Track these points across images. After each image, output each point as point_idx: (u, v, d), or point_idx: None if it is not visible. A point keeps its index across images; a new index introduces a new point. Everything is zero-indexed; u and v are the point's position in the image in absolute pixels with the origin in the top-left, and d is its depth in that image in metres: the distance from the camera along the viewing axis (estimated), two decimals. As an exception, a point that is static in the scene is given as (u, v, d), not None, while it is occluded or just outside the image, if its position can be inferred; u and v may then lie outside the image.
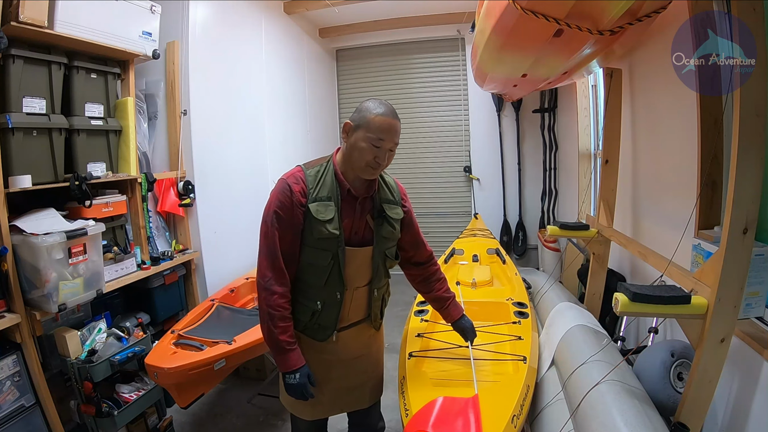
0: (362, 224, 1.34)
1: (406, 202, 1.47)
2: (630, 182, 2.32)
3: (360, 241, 1.34)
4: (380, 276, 1.40)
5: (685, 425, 1.23)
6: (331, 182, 1.29)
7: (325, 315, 1.34)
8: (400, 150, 5.07)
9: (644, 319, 2.04)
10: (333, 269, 1.29)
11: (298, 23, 4.07)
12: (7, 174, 1.74)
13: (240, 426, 2.26)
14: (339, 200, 1.29)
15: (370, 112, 1.26)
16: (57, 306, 1.74)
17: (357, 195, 1.32)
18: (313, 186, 1.28)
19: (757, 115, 1.08)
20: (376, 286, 1.40)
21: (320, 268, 1.29)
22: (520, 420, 1.28)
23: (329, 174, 1.30)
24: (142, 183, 2.38)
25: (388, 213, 1.37)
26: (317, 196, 1.27)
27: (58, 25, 1.85)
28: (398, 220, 1.40)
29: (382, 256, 1.38)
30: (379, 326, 1.52)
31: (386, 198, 1.39)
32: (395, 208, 1.40)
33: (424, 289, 1.61)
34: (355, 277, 1.34)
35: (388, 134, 1.25)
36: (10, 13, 1.69)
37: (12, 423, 1.68)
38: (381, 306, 1.48)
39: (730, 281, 1.14)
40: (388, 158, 1.29)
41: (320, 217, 1.25)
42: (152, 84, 2.68)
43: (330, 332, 1.35)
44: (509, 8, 1.51)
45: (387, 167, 1.32)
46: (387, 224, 1.36)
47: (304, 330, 1.37)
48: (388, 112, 1.27)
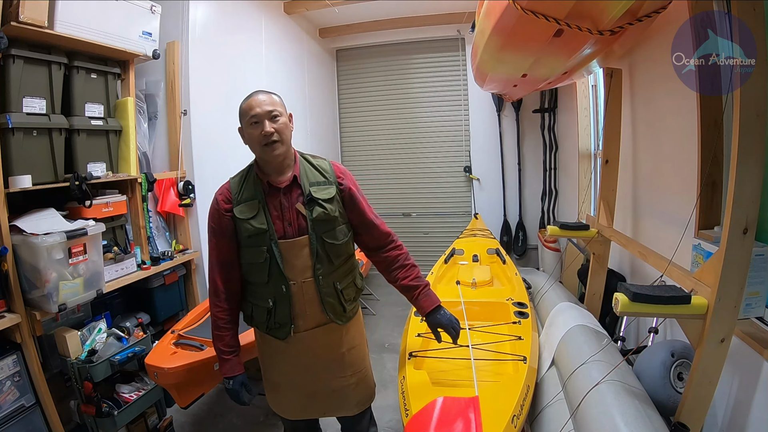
0: (294, 214, 1.34)
1: (343, 180, 1.41)
2: (630, 182, 2.32)
3: (296, 231, 1.33)
4: (323, 262, 1.35)
5: (685, 425, 1.23)
6: (253, 182, 1.36)
7: (279, 312, 1.35)
8: (401, 150, 5.09)
9: (644, 319, 2.04)
10: (271, 264, 1.32)
11: (298, 23, 4.07)
12: (7, 174, 1.74)
13: (240, 426, 2.26)
14: (263, 196, 1.34)
15: (240, 105, 1.35)
16: (57, 306, 1.74)
17: (278, 185, 1.34)
18: (237, 191, 1.36)
19: (757, 115, 1.08)
20: (321, 273, 1.35)
21: (259, 266, 1.33)
22: (520, 420, 1.28)
23: (251, 175, 1.38)
24: (142, 183, 2.38)
25: (316, 195, 1.35)
26: (241, 199, 1.35)
27: (58, 25, 1.85)
28: (330, 198, 1.36)
29: (320, 240, 1.34)
30: (347, 321, 1.43)
31: (315, 181, 1.37)
32: (326, 188, 1.37)
33: (389, 278, 1.50)
34: (299, 269, 1.33)
35: (256, 107, 1.30)
36: (10, 13, 1.69)
37: (12, 423, 1.68)
38: (337, 295, 1.39)
39: (730, 281, 1.14)
40: (279, 129, 1.31)
41: (243, 216, 1.32)
42: (152, 84, 2.68)
43: (287, 328, 1.36)
44: (509, 8, 1.51)
45: (290, 138, 1.35)
46: (317, 206, 1.34)
47: (268, 330, 1.39)
48: (251, 94, 1.34)
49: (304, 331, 1.38)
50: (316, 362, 1.41)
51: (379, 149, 4.89)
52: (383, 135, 4.87)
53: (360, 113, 4.91)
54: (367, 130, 4.91)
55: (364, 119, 4.90)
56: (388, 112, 4.83)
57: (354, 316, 1.48)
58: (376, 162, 4.89)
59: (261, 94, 1.33)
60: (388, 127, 4.85)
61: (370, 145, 4.92)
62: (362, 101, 4.91)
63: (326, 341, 1.41)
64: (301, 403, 1.45)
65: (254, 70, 3.35)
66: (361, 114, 4.90)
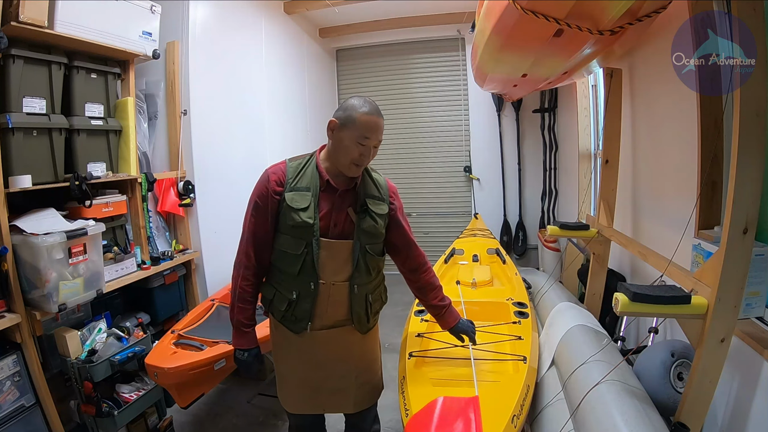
0: (342, 217, 1.34)
1: (394, 200, 1.45)
2: (630, 182, 2.32)
3: (339, 233, 1.33)
4: (361, 272, 1.36)
5: (686, 425, 1.23)
6: (311, 174, 1.34)
7: (300, 306, 1.34)
8: (401, 150, 5.08)
9: (644, 319, 2.04)
10: (306, 258, 1.31)
11: (298, 23, 4.07)
12: (7, 174, 1.74)
13: (240, 426, 2.26)
14: (317, 191, 1.32)
15: (356, 110, 1.29)
16: (57, 306, 1.74)
17: (337, 187, 1.34)
18: (292, 176, 1.33)
19: (757, 115, 1.08)
20: (357, 282, 1.36)
21: (294, 257, 1.31)
22: (520, 420, 1.28)
23: (311, 166, 1.35)
24: (142, 183, 2.38)
25: (371, 207, 1.36)
26: (295, 186, 1.31)
27: (58, 25, 1.85)
28: (382, 215, 1.38)
29: (363, 251, 1.35)
30: (367, 331, 1.45)
31: (371, 193, 1.39)
32: (380, 203, 1.39)
33: (420, 296, 1.59)
34: (332, 270, 1.33)
35: (374, 132, 1.30)
36: (10, 13, 1.69)
37: (12, 423, 1.68)
38: (366, 307, 1.41)
39: (730, 281, 1.14)
40: (372, 155, 1.33)
41: (294, 205, 1.29)
42: (152, 84, 2.68)
43: (304, 324, 1.36)
44: (509, 8, 1.51)
45: (371, 163, 1.36)
46: (369, 218, 1.35)
47: (282, 320, 1.39)
48: (373, 111, 1.31)
49: (319, 330, 1.38)
50: (325, 361, 1.41)
51: (379, 149, 4.88)
52: (383, 135, 4.86)
53: (360, 113, 4.90)
54: (367, 130, 4.91)
55: (364, 119, 4.90)
56: (388, 112, 4.81)
57: (374, 326, 1.50)
58: (376, 162, 4.84)
59: (381, 118, 1.33)
60: (388, 127, 4.76)
61: (370, 145, 4.91)
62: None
63: (340, 343, 1.41)
64: (303, 394, 1.44)
65: (254, 70, 3.35)
66: (361, 114, 4.90)
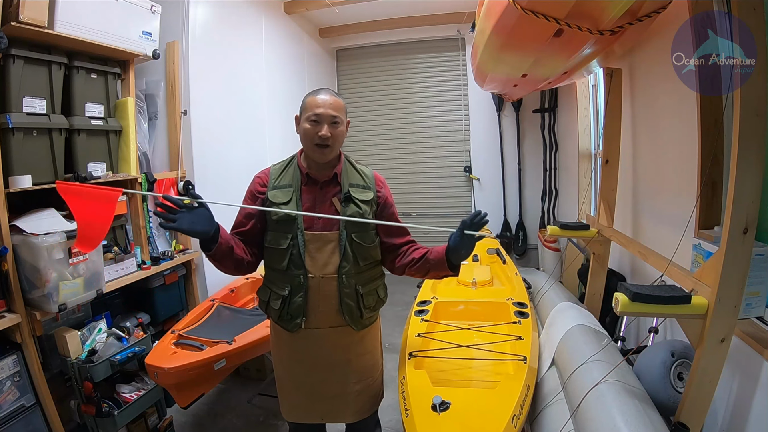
0: (326, 208, 1.35)
1: (382, 189, 1.45)
2: (630, 182, 2.32)
3: (325, 225, 1.34)
4: (349, 261, 1.34)
5: (686, 425, 1.23)
6: (293, 171, 1.40)
7: (293, 302, 1.35)
8: (401, 150, 5.08)
9: (644, 319, 2.04)
10: (293, 252, 1.33)
11: (298, 23, 4.07)
12: (7, 174, 1.74)
13: (240, 426, 2.26)
14: (299, 186, 1.38)
15: (305, 97, 1.39)
16: (57, 306, 1.74)
17: (317, 179, 1.38)
18: (275, 177, 1.40)
19: (757, 115, 1.08)
20: (345, 272, 1.34)
21: (281, 252, 1.34)
22: (520, 420, 1.28)
23: (292, 165, 1.42)
24: (142, 183, 2.38)
25: (354, 194, 1.37)
26: (277, 185, 1.38)
27: (58, 25, 1.85)
28: (368, 201, 1.38)
29: (350, 239, 1.34)
30: (362, 328, 1.42)
31: (355, 183, 1.40)
32: (365, 191, 1.40)
33: (403, 262, 1.43)
34: (321, 263, 1.33)
35: (321, 107, 1.33)
36: (10, 13, 1.69)
37: (12, 423, 1.68)
38: (357, 299, 1.37)
39: (730, 281, 1.14)
40: (335, 135, 1.33)
41: (276, 200, 1.35)
42: (152, 84, 2.68)
43: (298, 321, 1.36)
44: (509, 8, 1.51)
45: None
46: (353, 205, 1.35)
47: (278, 320, 1.41)
48: (320, 90, 1.38)
49: (315, 329, 1.37)
50: (321, 363, 1.40)
51: (379, 149, 4.89)
52: (383, 135, 4.87)
53: (360, 113, 4.90)
54: (367, 130, 4.91)
55: (364, 119, 4.90)
56: (388, 112, 4.83)
57: (371, 324, 1.48)
58: (376, 162, 4.88)
59: (329, 95, 1.36)
60: (388, 126, 4.85)
61: (370, 145, 4.92)
62: (362, 101, 4.91)
63: (336, 343, 1.40)
64: (300, 402, 1.44)
65: (254, 70, 3.35)
66: (361, 114, 4.90)
